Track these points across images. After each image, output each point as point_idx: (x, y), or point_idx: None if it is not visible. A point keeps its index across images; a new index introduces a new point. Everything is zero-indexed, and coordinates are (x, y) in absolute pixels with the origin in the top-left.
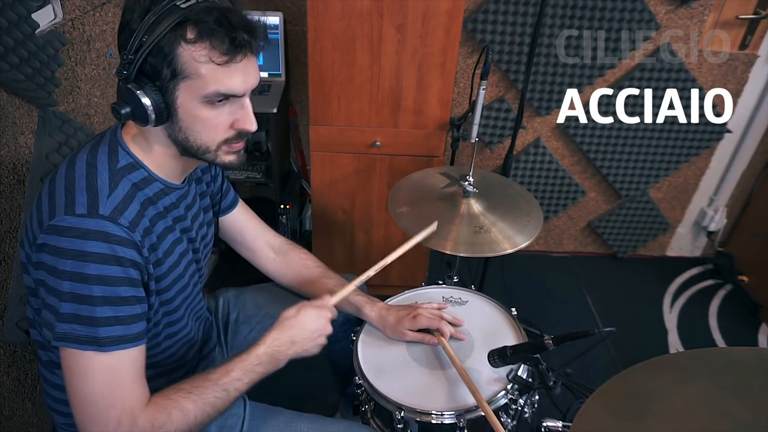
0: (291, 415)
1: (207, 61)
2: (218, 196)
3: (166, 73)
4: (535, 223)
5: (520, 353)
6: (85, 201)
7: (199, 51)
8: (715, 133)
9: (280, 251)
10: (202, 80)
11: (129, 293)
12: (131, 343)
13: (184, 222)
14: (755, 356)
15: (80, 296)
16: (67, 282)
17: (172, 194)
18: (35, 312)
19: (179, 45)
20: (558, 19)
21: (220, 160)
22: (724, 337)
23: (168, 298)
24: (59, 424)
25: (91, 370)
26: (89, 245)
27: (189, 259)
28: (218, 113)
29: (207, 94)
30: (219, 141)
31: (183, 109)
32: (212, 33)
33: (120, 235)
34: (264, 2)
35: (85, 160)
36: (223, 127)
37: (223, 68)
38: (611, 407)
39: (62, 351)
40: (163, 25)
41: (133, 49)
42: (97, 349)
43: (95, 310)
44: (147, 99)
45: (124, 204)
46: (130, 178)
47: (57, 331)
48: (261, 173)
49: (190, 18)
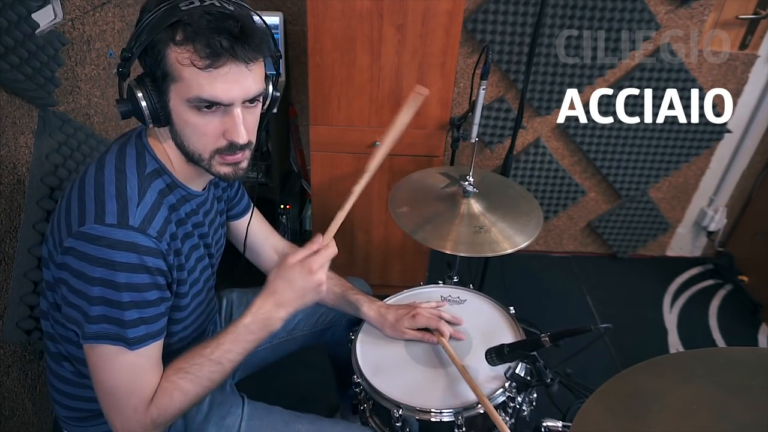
0: (289, 415)
1: (189, 65)
2: (234, 200)
3: (159, 74)
4: (535, 223)
5: (517, 351)
6: (115, 210)
7: (183, 54)
8: (715, 133)
9: (283, 255)
10: (185, 84)
11: (155, 296)
12: (153, 339)
13: (202, 228)
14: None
15: (110, 301)
16: (97, 288)
17: (193, 201)
18: (50, 305)
19: (168, 46)
20: (558, 19)
21: (215, 170)
22: (724, 337)
23: (184, 304)
24: (61, 416)
25: (117, 364)
26: (119, 255)
27: (204, 265)
28: (207, 121)
29: (189, 99)
30: (211, 150)
31: (175, 113)
32: (196, 36)
33: (148, 245)
34: (264, 2)
35: (113, 164)
36: (213, 135)
37: (204, 73)
38: (611, 407)
39: (89, 347)
40: (160, 24)
41: (131, 45)
42: (126, 347)
43: (124, 314)
44: (144, 100)
45: (152, 212)
46: (157, 185)
47: (86, 331)
48: (261, 173)
49: (183, 20)
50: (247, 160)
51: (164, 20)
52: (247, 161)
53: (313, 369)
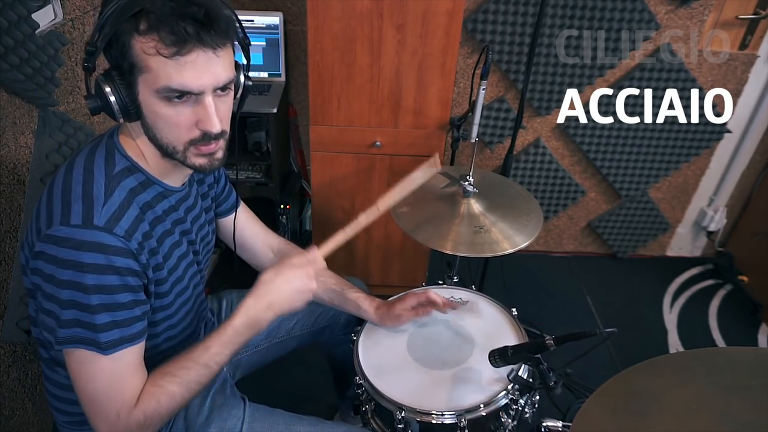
0: (290, 417)
1: (155, 54)
2: (221, 197)
3: (126, 67)
4: (535, 223)
5: (521, 353)
6: (80, 211)
7: (148, 43)
8: (715, 133)
9: (279, 252)
10: (152, 74)
11: (128, 299)
12: (129, 342)
13: (183, 225)
14: (755, 356)
15: (80, 304)
16: (66, 291)
17: (172, 197)
18: (35, 312)
19: (132, 36)
20: (558, 19)
21: (190, 162)
22: (724, 337)
23: (168, 303)
24: (60, 421)
25: (92, 370)
26: (85, 256)
27: (189, 262)
28: (178, 111)
29: (159, 89)
30: (184, 141)
31: (145, 105)
32: (159, 24)
33: (115, 245)
34: (264, 2)
35: (82, 166)
36: (186, 126)
37: (171, 62)
38: (611, 407)
39: (67, 353)
40: (123, 15)
41: (94, 39)
42: (99, 352)
43: (95, 317)
44: (111, 93)
45: (120, 211)
46: (127, 183)
47: (59, 336)
48: (261, 173)
49: (146, 8)
50: (222, 150)
51: (127, 10)
52: (222, 151)
53: (313, 370)
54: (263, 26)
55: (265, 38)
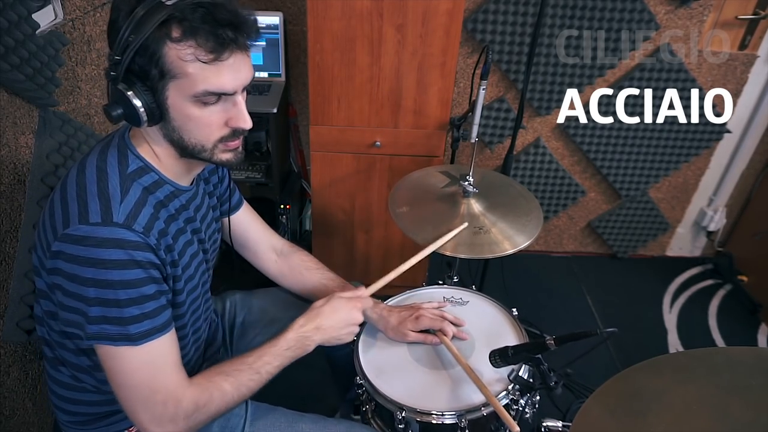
0: (293, 415)
1: (193, 60)
2: (225, 196)
3: (155, 73)
4: (535, 223)
5: (522, 353)
6: (98, 208)
7: (185, 50)
8: (715, 133)
9: (282, 253)
10: (189, 80)
11: (153, 290)
12: (160, 332)
13: (194, 223)
14: (754, 356)
15: (107, 300)
16: (92, 288)
17: (182, 196)
18: (45, 313)
19: (165, 44)
20: (558, 19)
21: (217, 158)
22: (724, 337)
23: (180, 301)
24: (63, 421)
25: (129, 363)
26: (106, 253)
27: (199, 260)
28: (210, 112)
29: (196, 94)
30: (214, 140)
31: (174, 109)
32: (197, 31)
33: (135, 240)
34: (264, 2)
35: (95, 165)
36: (217, 125)
37: (210, 66)
38: (611, 407)
39: (98, 349)
40: (149, 23)
41: (119, 48)
42: (131, 344)
43: (123, 311)
44: (138, 100)
45: (137, 209)
46: (141, 183)
47: (88, 332)
48: (261, 173)
49: (175, 15)
50: (242, 145)
51: (151, 18)
52: (242, 146)
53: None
54: (263, 26)
55: (265, 38)
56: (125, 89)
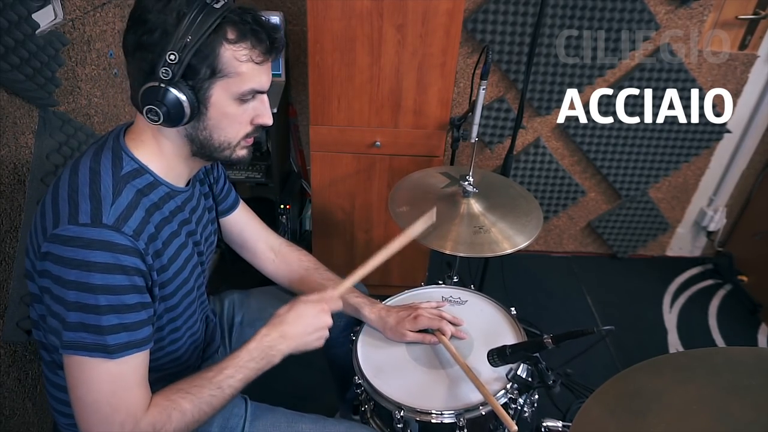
0: (292, 416)
1: (248, 60)
2: (221, 196)
3: (205, 72)
4: (535, 223)
5: (520, 352)
6: (89, 209)
7: (240, 51)
8: (715, 133)
9: (280, 252)
10: (240, 78)
11: (134, 300)
12: (137, 348)
13: (189, 225)
14: (754, 356)
15: (86, 305)
16: (72, 291)
17: (177, 198)
18: (40, 317)
19: (221, 45)
20: (558, 19)
21: (236, 155)
22: (724, 336)
23: (173, 304)
24: (62, 424)
25: (97, 377)
26: (93, 255)
27: (194, 263)
28: (245, 109)
29: (244, 92)
30: (240, 136)
31: (215, 107)
32: (253, 33)
33: (124, 243)
34: (264, 2)
35: (88, 166)
36: (245, 122)
37: (259, 67)
38: (611, 407)
39: (67, 358)
40: (205, 25)
41: (177, 49)
42: (106, 357)
43: (101, 318)
44: (185, 99)
45: (128, 211)
46: (135, 185)
47: (64, 340)
48: (261, 173)
49: (229, 18)
50: None
51: (207, 20)
52: None
53: (313, 369)
54: None
55: None
56: (177, 89)
